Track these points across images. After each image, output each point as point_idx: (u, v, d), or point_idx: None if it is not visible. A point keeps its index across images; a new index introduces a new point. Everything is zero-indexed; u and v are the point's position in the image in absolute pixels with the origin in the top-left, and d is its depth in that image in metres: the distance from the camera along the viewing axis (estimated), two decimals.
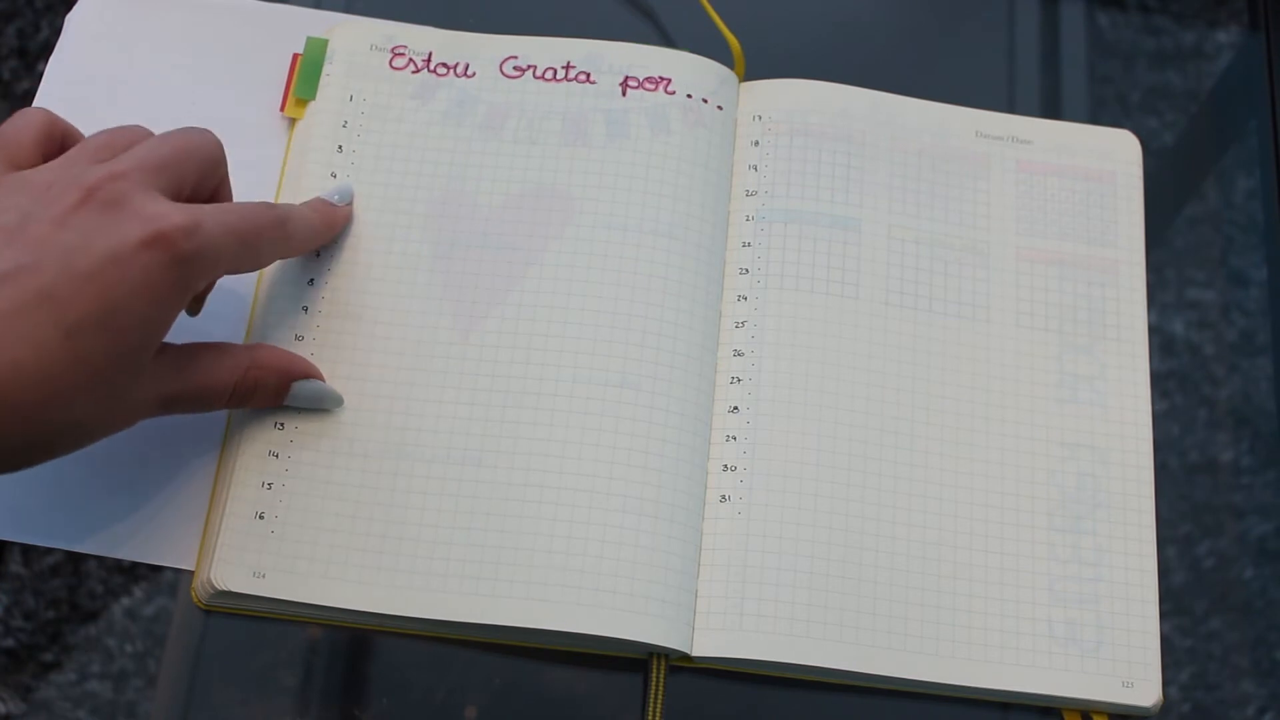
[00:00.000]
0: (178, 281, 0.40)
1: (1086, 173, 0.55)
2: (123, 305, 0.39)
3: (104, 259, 0.39)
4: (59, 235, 0.39)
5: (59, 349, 0.38)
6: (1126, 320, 0.52)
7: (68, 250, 0.38)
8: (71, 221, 0.39)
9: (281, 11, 0.56)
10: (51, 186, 0.40)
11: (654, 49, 0.55)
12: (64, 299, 0.38)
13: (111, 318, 0.39)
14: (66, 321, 0.38)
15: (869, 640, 0.46)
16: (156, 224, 0.39)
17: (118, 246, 0.39)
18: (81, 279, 0.38)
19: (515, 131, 0.53)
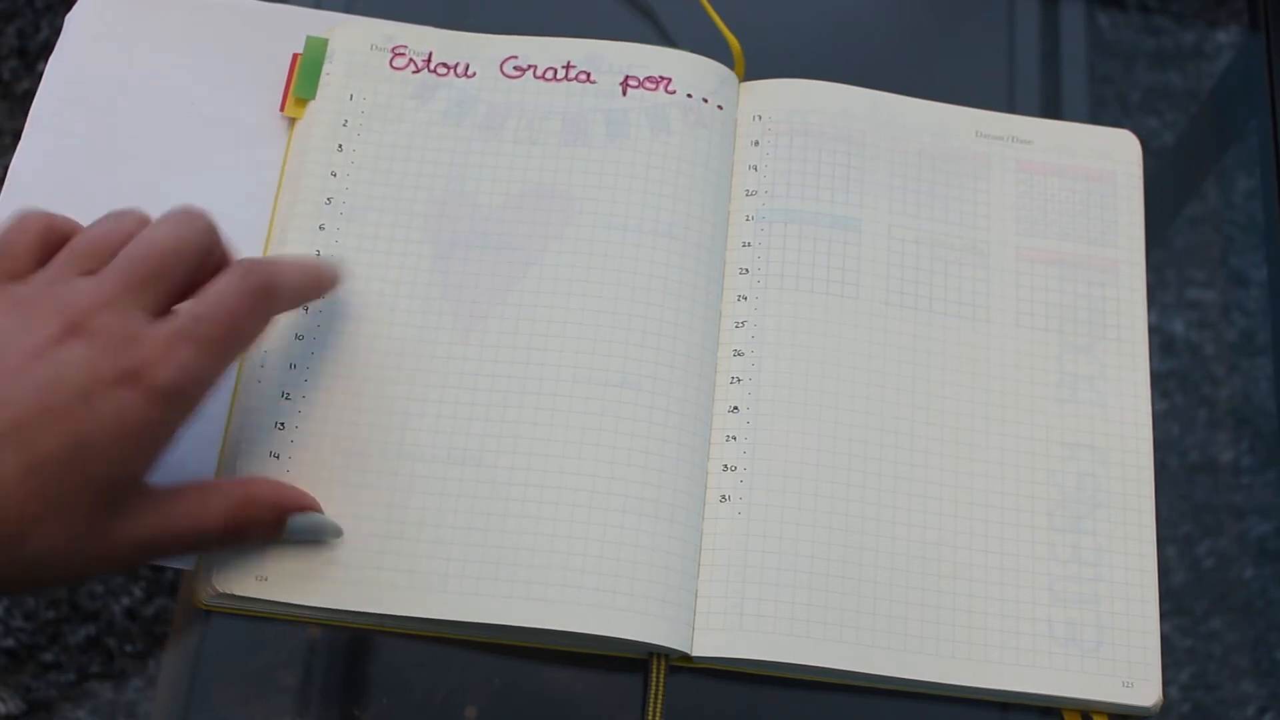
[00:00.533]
0: (157, 419, 0.39)
1: (1087, 173, 0.55)
2: (93, 443, 0.38)
3: (75, 396, 0.38)
4: (34, 368, 0.38)
5: (22, 486, 0.37)
6: (1127, 320, 0.52)
7: (40, 385, 0.38)
8: (48, 355, 0.38)
9: (281, 11, 0.56)
10: (35, 309, 0.40)
11: (654, 48, 0.55)
12: (31, 434, 0.37)
13: (80, 455, 0.38)
14: (32, 458, 0.37)
15: (869, 640, 0.46)
16: (130, 360, 0.39)
17: (90, 383, 0.38)
18: (51, 415, 0.38)
19: (515, 131, 0.53)
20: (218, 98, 0.54)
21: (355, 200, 0.52)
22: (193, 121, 0.53)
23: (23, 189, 0.51)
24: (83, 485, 0.38)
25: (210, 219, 0.43)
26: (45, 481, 0.38)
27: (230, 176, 0.52)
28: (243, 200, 0.52)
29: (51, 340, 0.39)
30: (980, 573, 0.48)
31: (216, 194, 0.52)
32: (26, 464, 0.37)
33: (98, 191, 0.52)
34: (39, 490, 0.38)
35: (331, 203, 0.51)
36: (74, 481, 0.38)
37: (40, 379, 0.38)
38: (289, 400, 0.48)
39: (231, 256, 0.44)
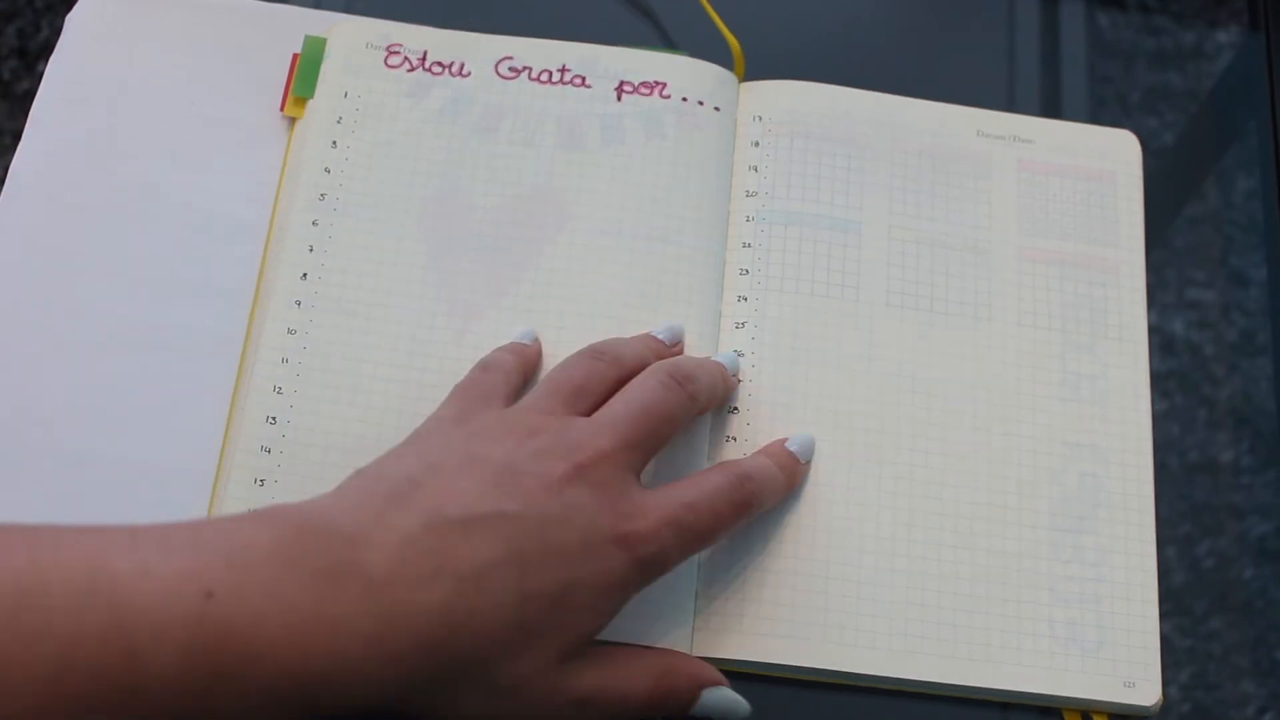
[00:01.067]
0: (631, 584, 0.41)
1: (1088, 172, 0.55)
2: (578, 588, 0.39)
3: (577, 540, 0.39)
4: (544, 500, 0.40)
5: (512, 610, 0.38)
6: (1128, 320, 0.52)
7: (546, 519, 0.39)
8: (559, 491, 0.40)
9: (281, 11, 0.56)
10: (538, 437, 0.41)
11: (649, 53, 0.55)
12: (531, 564, 0.38)
13: (565, 597, 0.39)
14: (526, 587, 0.38)
15: (869, 641, 0.46)
16: (629, 525, 0.40)
17: (591, 533, 0.40)
18: (551, 551, 0.39)
19: (510, 133, 0.53)
20: (218, 98, 0.54)
21: (349, 196, 0.52)
22: (193, 121, 0.53)
23: (23, 189, 0.51)
24: (558, 629, 0.39)
25: (694, 390, 0.45)
26: (532, 615, 0.38)
27: (230, 176, 0.52)
28: (243, 200, 0.52)
29: (563, 478, 0.40)
30: (981, 572, 0.48)
31: (216, 194, 0.52)
32: (521, 593, 0.38)
33: (98, 192, 0.52)
34: (523, 622, 0.38)
35: (325, 199, 0.51)
36: (553, 623, 0.39)
37: (549, 514, 0.39)
38: (280, 395, 0.48)
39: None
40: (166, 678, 0.33)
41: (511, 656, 0.38)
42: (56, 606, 0.32)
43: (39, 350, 0.49)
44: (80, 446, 0.48)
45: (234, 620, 0.34)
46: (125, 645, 0.32)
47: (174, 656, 0.33)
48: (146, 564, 0.34)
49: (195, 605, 0.33)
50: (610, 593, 0.40)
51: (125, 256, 0.51)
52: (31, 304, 0.50)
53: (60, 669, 0.31)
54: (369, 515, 0.38)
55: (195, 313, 0.50)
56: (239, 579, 0.34)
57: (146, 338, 0.50)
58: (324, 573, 0.36)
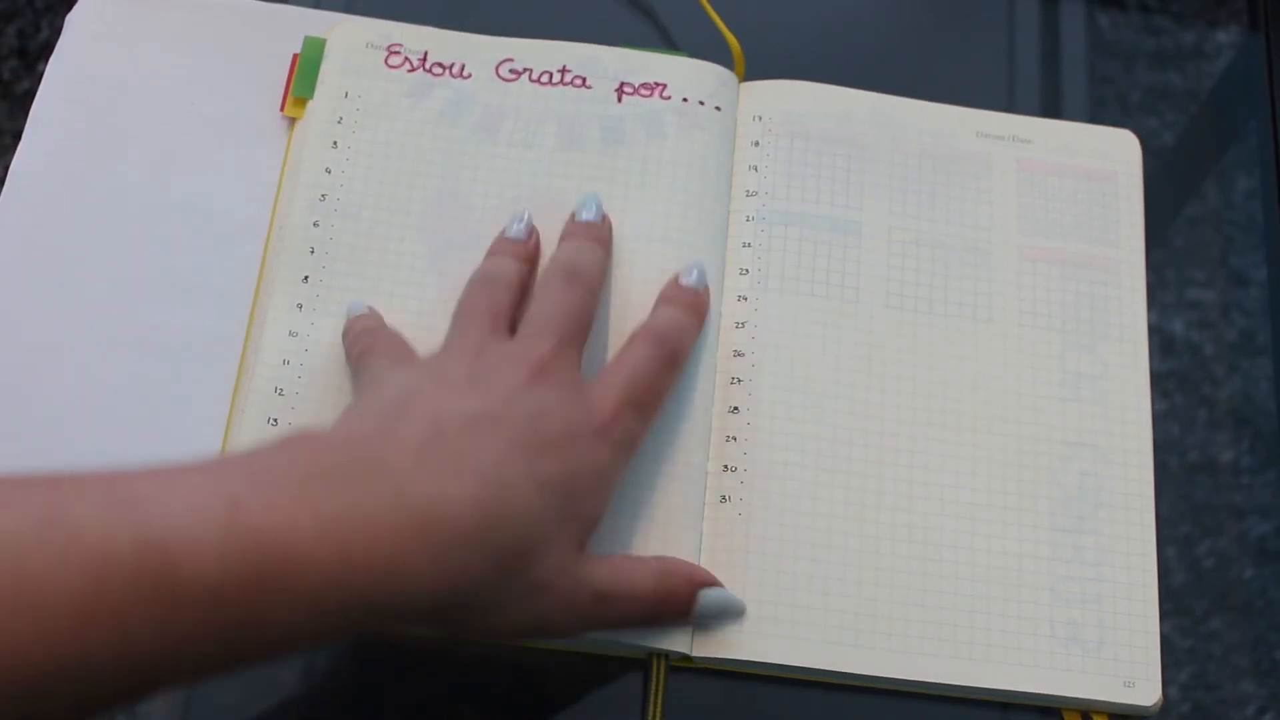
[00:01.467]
0: (616, 468, 0.43)
1: (1088, 172, 0.55)
2: (578, 474, 0.41)
3: (563, 430, 0.41)
4: (520, 399, 0.41)
5: (533, 499, 0.39)
6: (1128, 319, 0.52)
7: (530, 414, 0.40)
8: (528, 390, 0.41)
9: (281, 11, 0.56)
10: (484, 355, 0.43)
11: (650, 54, 0.55)
12: (535, 455, 0.39)
13: (570, 483, 0.40)
14: (538, 475, 0.39)
15: (869, 641, 0.46)
16: (596, 415, 0.42)
17: (573, 424, 0.41)
18: (547, 442, 0.40)
19: (511, 134, 0.53)
20: (218, 98, 0.54)
21: (350, 197, 0.52)
22: (193, 121, 0.53)
23: (23, 189, 0.51)
24: (573, 515, 0.40)
25: (589, 278, 0.47)
26: (551, 502, 0.39)
27: (230, 176, 0.52)
28: (243, 200, 0.52)
29: (525, 382, 0.42)
30: (982, 573, 0.48)
31: (216, 194, 0.52)
32: (536, 481, 0.39)
33: (98, 192, 0.52)
34: (545, 509, 0.39)
35: (325, 199, 0.51)
36: (569, 507, 0.40)
37: (529, 409, 0.41)
38: (282, 396, 0.48)
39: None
40: (206, 586, 0.32)
41: (543, 546, 0.39)
42: (83, 523, 0.31)
43: (39, 350, 0.49)
44: (80, 446, 0.48)
45: (265, 527, 0.33)
46: (158, 556, 0.32)
47: (211, 564, 0.32)
48: (169, 483, 0.33)
49: (223, 515, 0.33)
50: (603, 478, 0.42)
51: (125, 256, 0.51)
52: (31, 304, 0.50)
53: (96, 582, 0.31)
54: (377, 427, 0.39)
55: (195, 313, 0.50)
56: (264, 490, 0.34)
57: (146, 338, 0.50)
58: (350, 476, 0.36)
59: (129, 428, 0.48)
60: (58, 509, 0.32)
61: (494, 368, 0.42)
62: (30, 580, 0.30)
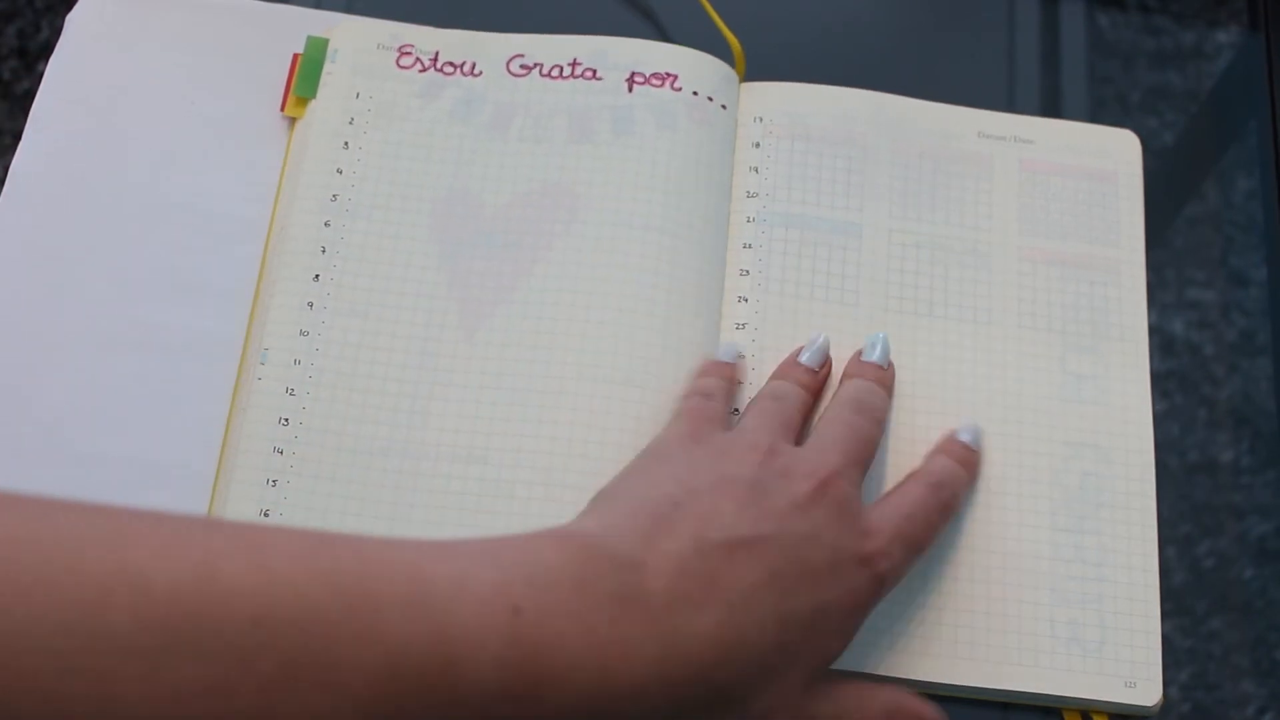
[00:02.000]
0: (872, 602, 0.42)
1: (1089, 172, 0.54)
2: (828, 609, 0.40)
3: (826, 561, 0.40)
4: (795, 521, 0.40)
5: (774, 632, 0.38)
6: (1128, 319, 0.52)
7: (799, 539, 0.40)
8: (806, 511, 0.40)
9: (281, 11, 0.56)
10: (778, 457, 0.42)
11: (660, 45, 0.55)
12: (788, 586, 0.39)
13: (817, 619, 0.39)
14: (785, 608, 0.38)
15: (870, 641, 0.46)
16: (869, 544, 0.41)
17: (838, 553, 0.40)
18: (805, 573, 0.39)
19: (521, 130, 0.53)
20: (218, 98, 0.54)
21: (360, 198, 0.52)
22: (193, 121, 0.53)
23: (23, 189, 0.51)
24: (810, 652, 0.40)
25: (877, 414, 0.47)
26: (790, 638, 0.39)
27: (230, 176, 0.52)
28: (243, 200, 0.52)
29: (807, 499, 0.41)
30: (983, 573, 0.48)
31: (216, 194, 0.52)
32: (780, 616, 0.38)
33: (97, 191, 0.52)
34: (782, 646, 0.38)
35: (337, 200, 0.51)
36: (809, 642, 0.39)
37: (800, 534, 0.40)
38: (293, 396, 0.48)
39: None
40: (485, 689, 0.33)
41: (768, 681, 0.39)
42: (386, 611, 0.32)
43: (39, 350, 0.49)
44: (80, 446, 0.48)
45: (540, 638, 0.34)
46: (446, 653, 0.33)
47: (490, 669, 0.33)
48: (462, 576, 0.34)
49: (505, 620, 0.34)
50: (856, 613, 0.41)
51: (124, 256, 0.51)
52: (31, 304, 0.50)
53: (389, 674, 0.32)
54: (640, 539, 0.38)
55: (195, 313, 0.50)
56: (540, 598, 0.35)
57: (146, 338, 0.50)
58: (613, 595, 0.36)
59: (129, 428, 0.48)
60: (362, 594, 0.33)
61: (780, 475, 0.41)
62: (331, 659, 0.31)
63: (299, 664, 0.31)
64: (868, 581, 0.41)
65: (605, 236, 0.51)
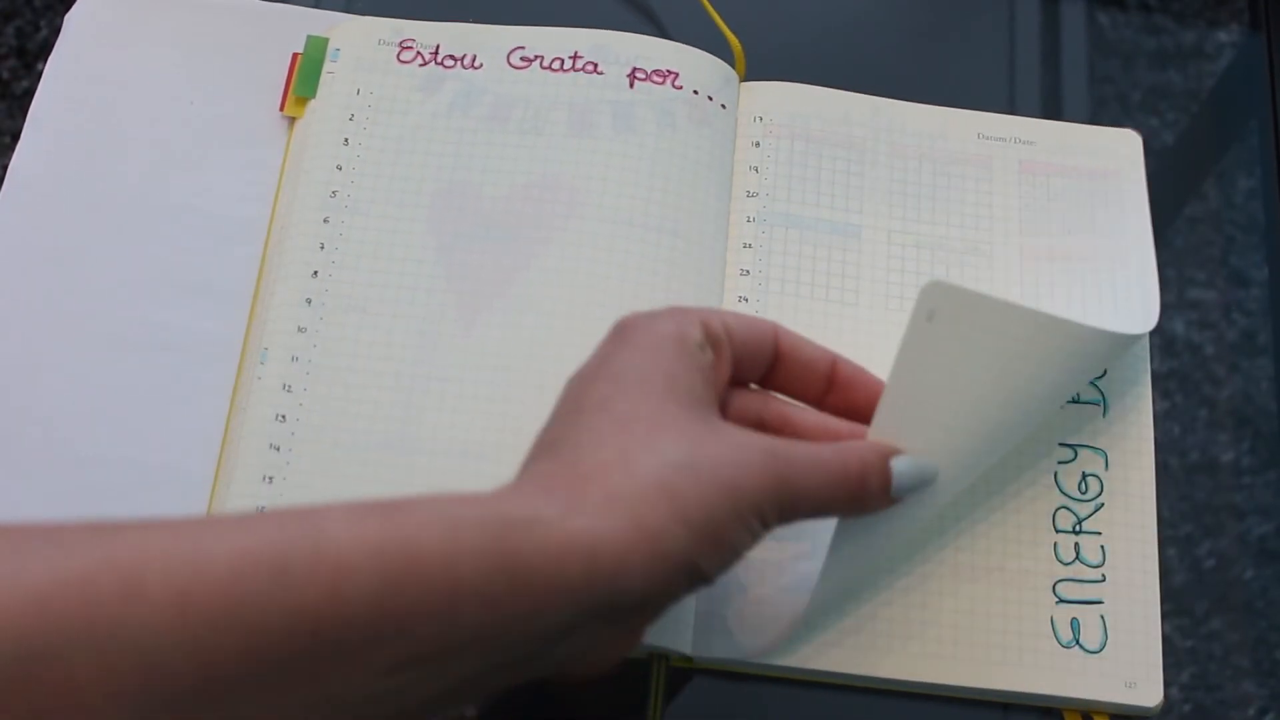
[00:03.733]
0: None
1: (1090, 172, 0.54)
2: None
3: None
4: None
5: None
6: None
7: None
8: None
9: (281, 11, 0.56)
10: None
11: (662, 41, 0.55)
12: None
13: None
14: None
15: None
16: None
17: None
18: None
19: (521, 122, 0.53)
20: (217, 98, 0.54)
21: (360, 193, 0.52)
22: (192, 121, 0.53)
23: (22, 189, 0.51)
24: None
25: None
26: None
27: (230, 176, 0.52)
28: (242, 200, 0.52)
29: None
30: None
31: (216, 194, 0.52)
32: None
33: (96, 191, 0.52)
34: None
35: (336, 196, 0.51)
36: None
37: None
38: (290, 393, 0.48)
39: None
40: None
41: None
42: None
43: (38, 350, 0.49)
44: (80, 446, 0.48)
45: (516, 516, 0.34)
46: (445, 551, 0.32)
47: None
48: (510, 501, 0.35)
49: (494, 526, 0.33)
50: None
51: (124, 256, 0.51)
52: (30, 304, 0.50)
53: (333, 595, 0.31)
54: (615, 454, 0.37)
55: (195, 313, 0.50)
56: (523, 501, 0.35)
57: (146, 338, 0.49)
58: (575, 481, 0.36)
59: (129, 427, 0.48)
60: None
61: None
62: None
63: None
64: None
65: (604, 233, 0.51)
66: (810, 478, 0.39)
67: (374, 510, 0.33)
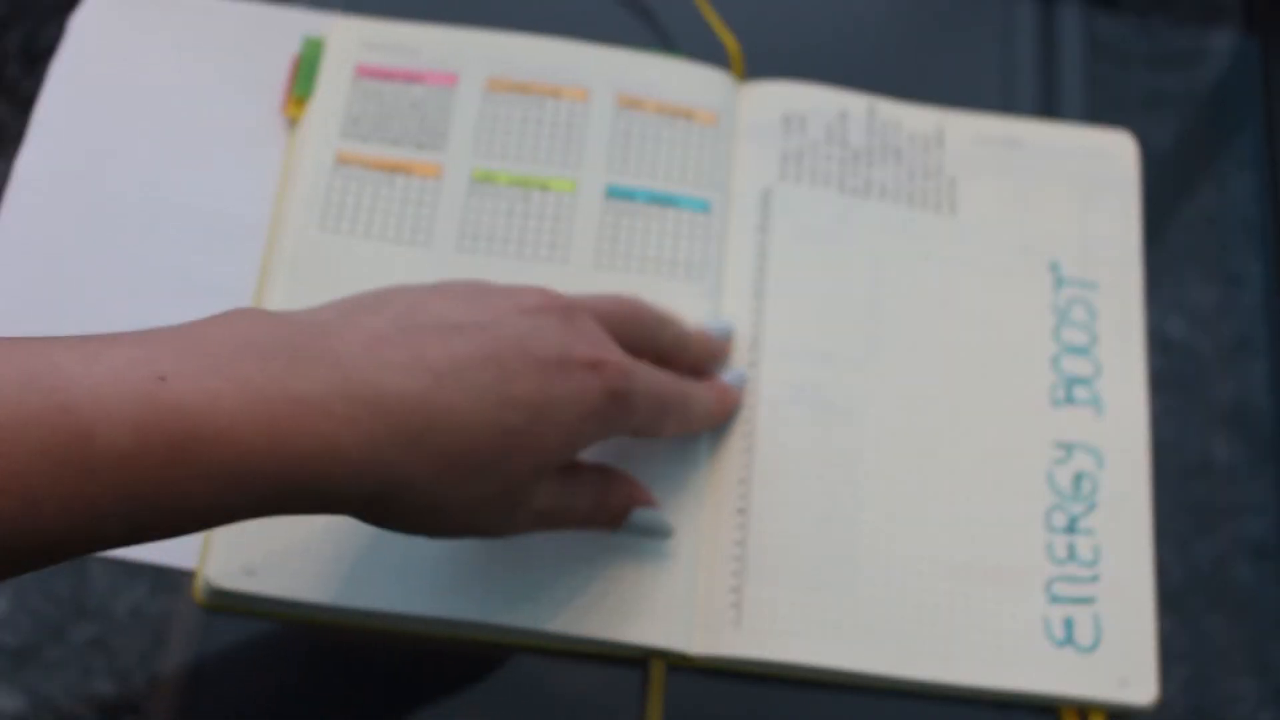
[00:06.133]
0: (602, 413, 0.40)
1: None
2: (555, 405, 0.39)
3: (552, 356, 0.39)
4: (517, 317, 0.39)
5: (490, 412, 0.37)
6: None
7: (522, 334, 0.39)
8: (532, 314, 0.40)
9: (282, 12, 0.56)
10: (524, 291, 0.41)
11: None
12: (510, 371, 0.38)
13: (542, 412, 0.38)
14: (506, 392, 0.37)
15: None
16: (601, 352, 0.40)
17: (565, 354, 0.39)
18: (529, 361, 0.38)
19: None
20: (220, 99, 0.54)
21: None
22: (195, 122, 0.53)
23: (27, 190, 0.52)
24: (538, 440, 0.39)
25: (671, 328, 0.47)
26: (511, 420, 0.38)
27: (231, 177, 0.53)
28: (244, 200, 0.52)
29: (535, 306, 0.40)
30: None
31: (218, 194, 0.52)
32: (502, 395, 0.37)
33: (100, 192, 0.52)
34: (505, 426, 0.38)
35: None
36: (532, 434, 0.38)
37: (523, 328, 0.39)
38: None
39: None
40: (120, 454, 0.32)
41: (492, 464, 0.38)
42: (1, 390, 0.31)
43: None
44: None
45: (188, 399, 0.32)
46: (73, 424, 0.31)
47: (126, 434, 0.32)
48: (94, 353, 0.33)
49: (146, 387, 0.32)
50: (585, 416, 0.40)
51: (126, 256, 0.51)
52: (34, 304, 0.50)
53: (7, 447, 0.30)
54: (339, 314, 0.37)
55: (195, 313, 0.50)
56: (193, 363, 0.33)
57: None
58: (287, 354, 0.34)
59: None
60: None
61: (504, 291, 0.40)
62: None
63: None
64: (599, 389, 0.40)
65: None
66: (557, 523, 0.43)
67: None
